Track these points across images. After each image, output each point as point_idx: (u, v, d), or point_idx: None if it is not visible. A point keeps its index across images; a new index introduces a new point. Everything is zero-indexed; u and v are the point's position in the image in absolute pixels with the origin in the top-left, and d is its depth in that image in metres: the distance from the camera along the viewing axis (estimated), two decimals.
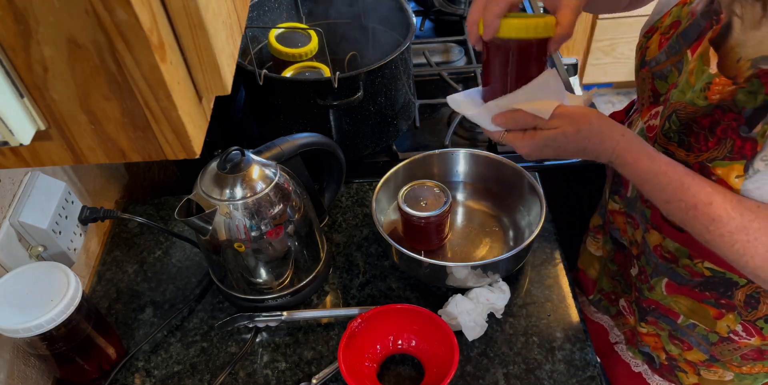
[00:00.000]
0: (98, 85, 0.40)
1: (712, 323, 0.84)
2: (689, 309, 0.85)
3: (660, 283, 0.86)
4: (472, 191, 1.04)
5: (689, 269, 0.81)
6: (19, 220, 0.82)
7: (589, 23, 2.49)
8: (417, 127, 1.20)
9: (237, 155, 0.79)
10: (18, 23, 0.36)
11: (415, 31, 1.05)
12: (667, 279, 0.85)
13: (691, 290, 0.83)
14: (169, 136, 0.43)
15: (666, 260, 0.83)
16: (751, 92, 0.64)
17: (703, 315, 0.84)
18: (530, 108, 0.71)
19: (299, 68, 1.10)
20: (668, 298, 0.87)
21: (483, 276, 0.88)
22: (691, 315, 0.86)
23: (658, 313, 0.90)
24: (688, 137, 0.72)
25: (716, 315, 0.83)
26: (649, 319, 0.92)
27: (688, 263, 0.80)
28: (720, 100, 0.67)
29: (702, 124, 0.69)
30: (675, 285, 0.84)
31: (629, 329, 0.99)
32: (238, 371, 0.86)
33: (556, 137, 0.71)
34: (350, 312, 0.89)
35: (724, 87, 0.66)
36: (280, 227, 0.82)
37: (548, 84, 0.71)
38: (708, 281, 0.80)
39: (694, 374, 0.92)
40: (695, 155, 0.71)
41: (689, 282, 0.82)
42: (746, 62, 0.65)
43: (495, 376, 0.83)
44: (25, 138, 0.40)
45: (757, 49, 0.64)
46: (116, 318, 0.94)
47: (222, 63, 0.44)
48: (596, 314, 1.08)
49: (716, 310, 0.82)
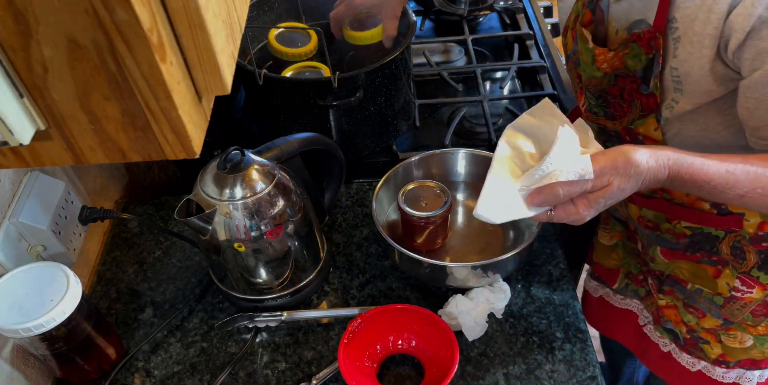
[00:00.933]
0: (98, 85, 0.40)
1: (713, 283, 0.88)
2: (691, 273, 0.90)
3: (656, 251, 0.93)
4: (472, 191, 1.04)
5: (672, 232, 0.88)
6: (19, 220, 0.82)
7: None
8: (417, 127, 1.20)
9: (237, 155, 0.79)
10: (18, 23, 0.36)
11: (415, 31, 1.05)
12: (660, 247, 0.91)
13: (684, 253, 0.89)
14: (169, 136, 0.43)
15: (650, 228, 0.90)
16: (635, 56, 0.74)
17: (703, 277, 0.89)
18: (568, 176, 0.66)
19: (299, 68, 1.10)
20: (671, 265, 0.92)
21: (483, 276, 0.88)
22: (693, 279, 0.90)
23: (671, 280, 0.94)
24: (607, 108, 0.82)
25: (714, 273, 0.88)
26: (665, 288, 0.96)
27: (669, 226, 0.87)
28: (613, 69, 0.77)
29: (612, 93, 0.80)
30: (668, 251, 0.91)
31: (655, 308, 1.01)
32: (238, 371, 0.86)
33: (613, 194, 0.68)
34: (350, 312, 0.89)
35: (605, 55, 0.77)
36: (280, 227, 0.82)
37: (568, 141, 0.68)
38: (692, 240, 0.86)
39: (716, 343, 0.94)
40: (619, 122, 0.82)
41: (677, 245, 0.89)
42: (623, 32, 0.78)
43: (495, 376, 0.83)
44: (25, 138, 0.40)
45: (627, 18, 0.76)
46: (116, 318, 0.94)
47: (222, 63, 0.44)
48: (623, 301, 1.09)
49: (713, 268, 0.87)
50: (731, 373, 0.96)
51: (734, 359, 0.94)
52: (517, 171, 0.74)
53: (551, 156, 0.67)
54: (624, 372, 1.36)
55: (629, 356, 1.27)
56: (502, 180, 0.73)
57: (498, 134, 1.19)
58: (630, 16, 0.76)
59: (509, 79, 1.31)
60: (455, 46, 1.43)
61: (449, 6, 1.45)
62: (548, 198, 0.69)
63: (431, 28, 1.53)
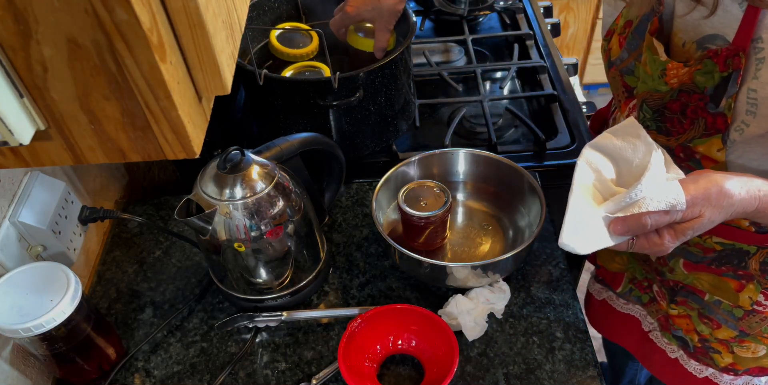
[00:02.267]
0: (98, 85, 0.40)
1: (735, 296, 0.86)
2: (711, 285, 0.88)
3: (678, 263, 0.90)
4: (472, 191, 1.04)
5: (700, 247, 0.84)
6: (19, 220, 0.82)
7: (589, 23, 2.49)
8: (417, 127, 1.20)
9: (237, 155, 0.79)
10: (18, 23, 0.36)
11: (415, 31, 1.05)
12: (683, 259, 0.88)
13: (708, 266, 0.86)
14: (168, 136, 0.43)
15: None
16: (707, 72, 0.68)
17: (725, 289, 0.86)
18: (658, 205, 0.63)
19: (299, 68, 1.10)
20: (690, 276, 0.89)
21: (483, 276, 0.88)
22: (714, 291, 0.88)
23: (686, 291, 0.92)
24: (663, 123, 0.77)
25: (737, 287, 0.85)
26: (679, 299, 0.94)
27: (698, 240, 0.84)
28: (680, 84, 0.72)
29: (673, 109, 0.75)
30: (691, 264, 0.87)
31: (662, 315, 1.00)
32: (238, 371, 0.86)
33: (702, 226, 0.66)
34: (350, 312, 0.89)
35: (678, 70, 0.72)
36: (280, 227, 0.82)
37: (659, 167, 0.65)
38: (721, 254, 0.83)
39: (728, 353, 0.93)
40: (675, 139, 0.77)
41: (704, 259, 0.85)
42: (691, 45, 0.72)
43: (495, 376, 0.83)
44: (25, 138, 0.40)
45: (696, 32, 0.71)
46: (116, 318, 0.94)
47: (222, 63, 0.44)
48: (626, 306, 1.08)
49: (737, 282, 0.85)
50: (738, 380, 0.95)
51: (743, 367, 0.94)
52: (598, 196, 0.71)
53: (643, 183, 0.64)
54: (626, 374, 1.36)
55: (631, 358, 1.27)
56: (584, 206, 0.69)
57: (498, 134, 1.20)
58: (701, 29, 0.70)
59: (509, 79, 1.31)
60: (455, 46, 1.43)
61: (449, 6, 1.45)
62: (633, 227, 0.66)
63: (431, 28, 1.53)
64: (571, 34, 2.52)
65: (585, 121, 1.19)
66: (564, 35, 2.51)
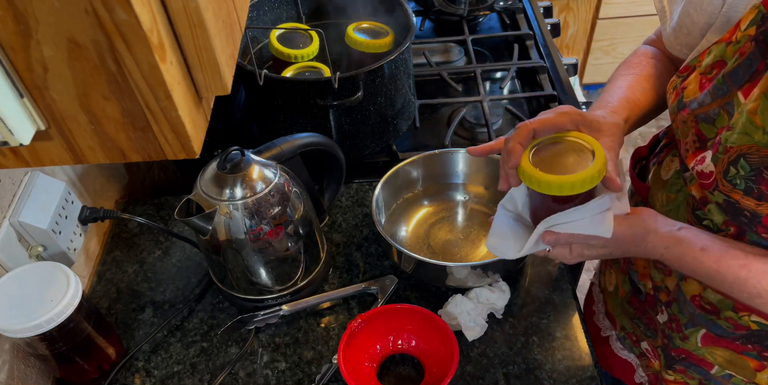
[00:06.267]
0: (98, 85, 0.40)
1: (752, 374, 0.80)
2: (726, 360, 0.81)
3: (696, 334, 0.81)
4: (472, 191, 1.04)
5: (733, 322, 0.76)
6: (19, 220, 0.82)
7: (589, 23, 2.49)
8: (417, 127, 1.20)
9: (237, 155, 0.79)
10: (18, 23, 0.36)
11: (415, 31, 1.05)
12: (705, 330, 0.79)
13: (732, 342, 0.78)
14: (169, 136, 0.43)
15: (706, 311, 0.77)
16: None
17: (741, 366, 0.80)
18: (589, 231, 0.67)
19: (299, 68, 1.10)
20: (702, 349, 0.82)
21: (483, 276, 0.88)
22: (728, 366, 0.81)
23: (688, 362, 0.85)
24: (758, 184, 0.65)
25: (757, 367, 0.79)
26: (678, 368, 0.87)
27: (732, 315, 0.75)
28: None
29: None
30: (714, 337, 0.79)
31: (653, 373, 0.94)
32: (238, 371, 0.86)
33: (605, 254, 0.71)
34: (354, 290, 0.88)
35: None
36: (280, 227, 0.82)
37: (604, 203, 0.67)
38: (753, 334, 0.75)
39: None
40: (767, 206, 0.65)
41: (731, 335, 0.77)
42: None
43: (495, 376, 0.83)
44: (25, 138, 0.40)
45: None
46: (116, 318, 0.94)
47: (222, 63, 0.44)
48: (623, 351, 1.01)
49: (758, 362, 0.78)
50: None
51: None
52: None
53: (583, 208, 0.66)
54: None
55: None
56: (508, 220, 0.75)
57: (498, 134, 1.20)
58: None
59: (509, 79, 1.31)
60: (455, 46, 1.43)
61: (449, 6, 1.45)
62: (561, 242, 0.70)
63: (431, 28, 1.53)
64: (571, 35, 2.52)
65: None
66: (564, 35, 2.51)
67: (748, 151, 0.65)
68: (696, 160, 0.71)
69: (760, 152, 0.63)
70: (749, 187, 0.65)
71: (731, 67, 0.66)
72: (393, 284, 0.92)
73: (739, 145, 0.65)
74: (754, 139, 0.63)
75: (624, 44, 2.55)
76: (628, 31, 2.49)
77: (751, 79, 0.64)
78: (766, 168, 0.64)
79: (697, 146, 0.72)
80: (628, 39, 2.53)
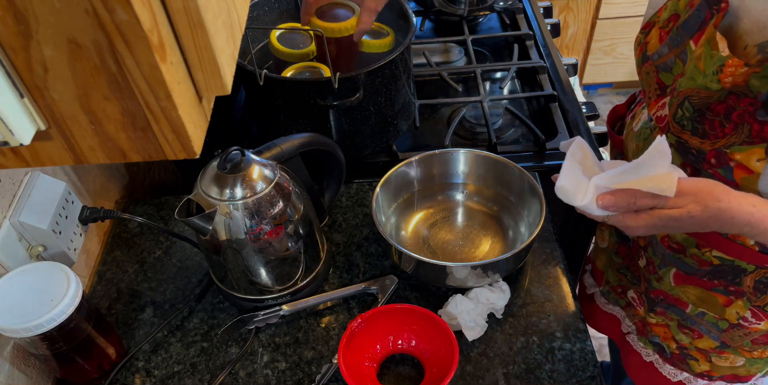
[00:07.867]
0: (98, 85, 0.40)
1: (722, 310, 0.85)
2: (698, 298, 0.87)
3: (668, 273, 0.88)
4: (471, 191, 1.04)
5: (697, 259, 0.82)
6: (19, 220, 0.82)
7: (589, 23, 2.49)
8: (417, 127, 1.20)
9: (237, 155, 0.79)
10: (18, 23, 0.36)
11: (415, 31, 1.05)
12: (676, 269, 0.86)
13: (700, 279, 0.84)
14: (169, 136, 0.43)
15: (673, 250, 0.84)
16: (764, 77, 0.64)
17: (712, 303, 0.85)
18: (649, 187, 0.64)
19: (299, 68, 1.10)
20: (676, 288, 0.88)
21: (483, 276, 0.88)
22: (699, 304, 0.87)
23: (666, 303, 0.91)
24: (701, 125, 0.71)
25: (725, 302, 0.84)
26: (658, 309, 0.93)
27: (696, 252, 0.81)
28: (732, 85, 0.67)
29: (716, 111, 0.69)
30: (683, 275, 0.85)
31: (639, 320, 1.00)
32: (238, 371, 0.86)
33: (680, 217, 0.65)
34: (355, 290, 0.88)
35: (737, 69, 0.66)
36: (280, 227, 0.82)
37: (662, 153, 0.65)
38: (716, 269, 0.81)
39: (705, 362, 0.93)
40: (710, 142, 0.71)
41: (698, 271, 0.83)
42: (753, 48, 0.67)
43: (495, 376, 0.83)
44: (25, 138, 0.40)
45: (762, 34, 0.66)
46: (116, 318, 0.94)
47: (222, 63, 0.44)
48: (607, 305, 1.09)
49: (725, 297, 0.83)
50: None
51: (719, 374, 0.94)
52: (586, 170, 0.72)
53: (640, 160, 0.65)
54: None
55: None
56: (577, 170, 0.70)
57: (498, 134, 1.20)
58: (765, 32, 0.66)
59: (509, 79, 1.31)
60: (455, 46, 1.43)
61: (449, 6, 1.45)
62: (620, 203, 0.67)
63: (431, 28, 1.53)
64: (571, 35, 2.52)
65: (585, 122, 1.19)
66: (564, 35, 2.51)
67: (691, 94, 0.72)
68: (658, 106, 0.79)
69: (700, 94, 0.71)
70: (695, 127, 0.72)
71: (683, 19, 0.74)
72: (393, 284, 0.92)
73: (686, 89, 0.72)
74: (697, 82, 0.71)
75: (624, 44, 2.55)
76: (628, 31, 2.50)
77: (700, 28, 0.72)
78: (707, 109, 0.70)
79: (659, 93, 0.79)
80: (627, 39, 2.53)
